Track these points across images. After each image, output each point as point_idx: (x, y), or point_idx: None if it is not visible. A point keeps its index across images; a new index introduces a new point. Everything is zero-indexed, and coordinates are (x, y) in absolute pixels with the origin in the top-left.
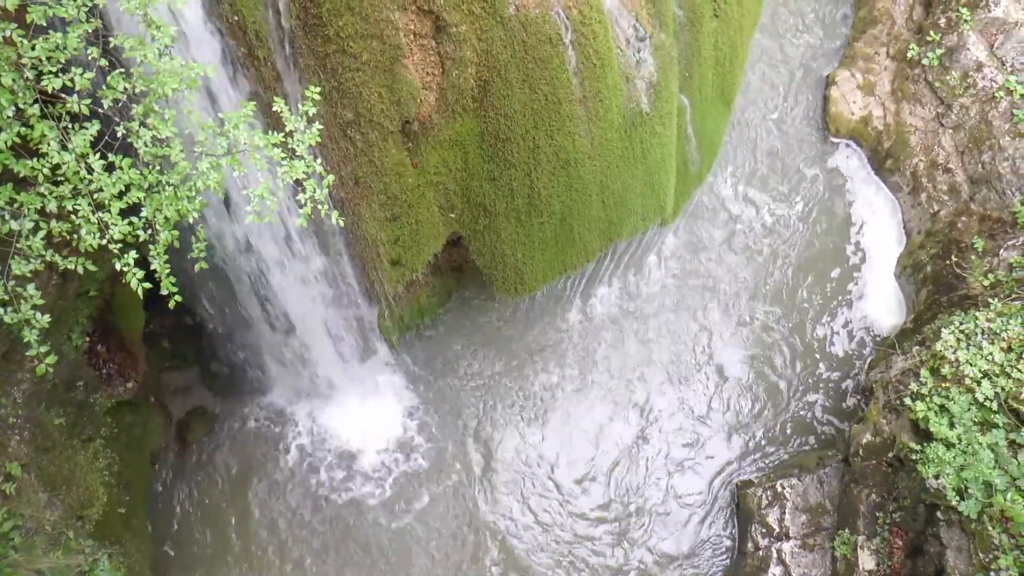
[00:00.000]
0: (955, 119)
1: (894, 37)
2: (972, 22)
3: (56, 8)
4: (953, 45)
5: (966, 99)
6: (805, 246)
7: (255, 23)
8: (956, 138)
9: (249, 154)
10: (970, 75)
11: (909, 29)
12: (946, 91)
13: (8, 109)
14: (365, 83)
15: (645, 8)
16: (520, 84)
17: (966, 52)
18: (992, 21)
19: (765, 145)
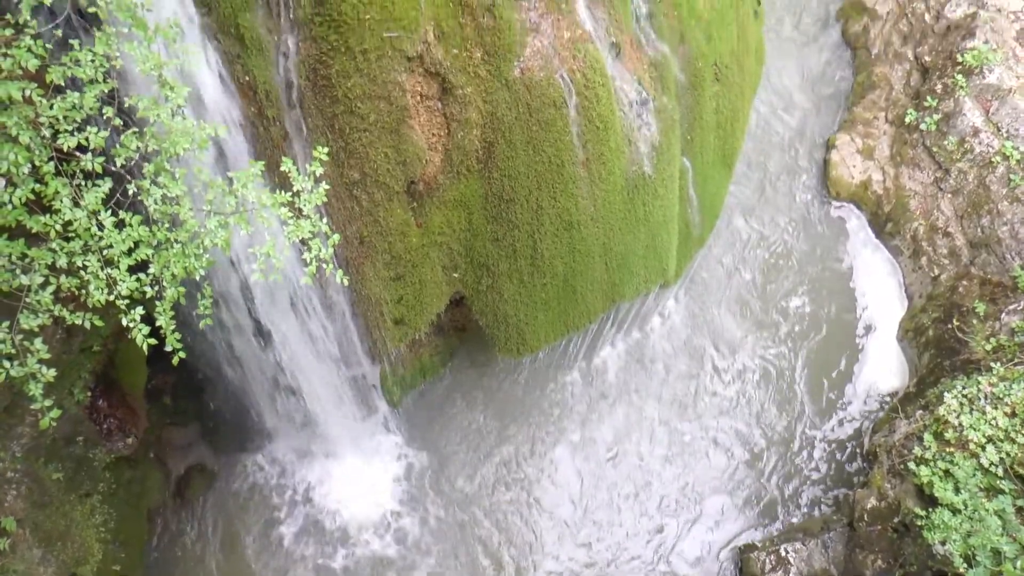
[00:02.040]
0: (953, 184)
1: (892, 102)
2: (967, 88)
3: (75, 69)
4: (950, 111)
5: (964, 164)
6: (806, 310)
7: (265, 83)
8: (955, 202)
9: (257, 213)
10: (967, 140)
11: (907, 95)
12: (944, 156)
13: (24, 166)
14: (372, 144)
15: (648, 71)
16: (524, 146)
17: (962, 118)
18: (987, 87)
19: (766, 208)
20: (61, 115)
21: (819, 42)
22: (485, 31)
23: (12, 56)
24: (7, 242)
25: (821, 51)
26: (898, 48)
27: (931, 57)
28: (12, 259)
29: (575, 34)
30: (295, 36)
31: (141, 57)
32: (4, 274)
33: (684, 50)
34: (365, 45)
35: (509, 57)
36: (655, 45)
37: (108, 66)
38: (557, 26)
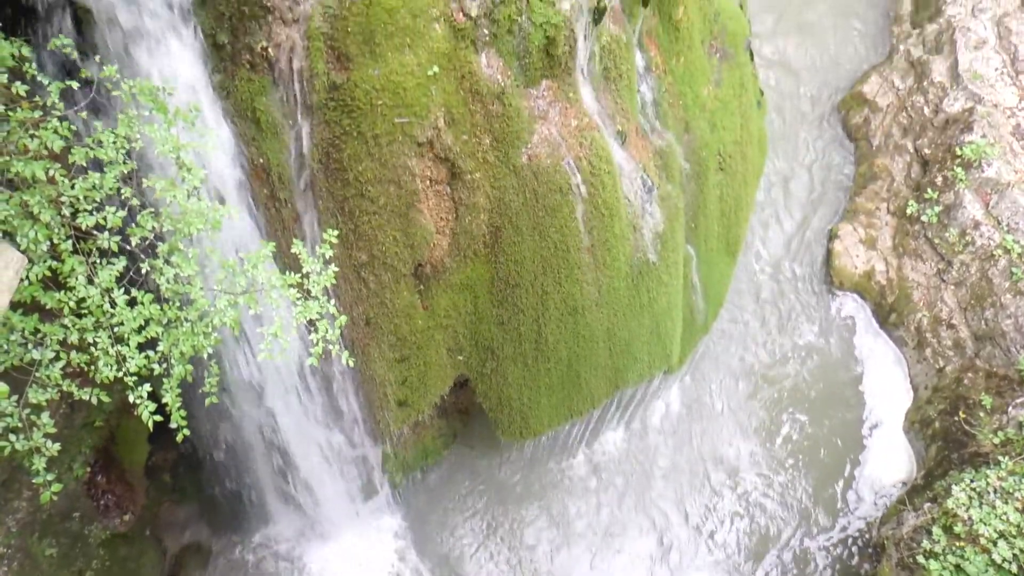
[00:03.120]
0: (956, 275)
1: (894, 194)
2: (967, 181)
3: (97, 150)
4: (950, 203)
5: (966, 256)
6: (811, 399)
7: (279, 166)
8: (958, 294)
9: (266, 293)
10: (968, 233)
11: (908, 186)
12: (946, 248)
13: (43, 244)
14: (381, 226)
15: (653, 160)
16: (530, 231)
17: (963, 210)
18: (986, 181)
19: (770, 296)
20: (82, 195)
21: (821, 133)
22: (494, 118)
23: (39, 137)
24: (21, 317)
25: (823, 141)
26: (898, 140)
27: (931, 150)
28: (25, 334)
29: (582, 122)
30: (309, 120)
31: (161, 140)
32: (16, 348)
33: (688, 139)
34: (377, 130)
35: (517, 144)
36: (660, 134)
37: (128, 147)
38: (564, 114)
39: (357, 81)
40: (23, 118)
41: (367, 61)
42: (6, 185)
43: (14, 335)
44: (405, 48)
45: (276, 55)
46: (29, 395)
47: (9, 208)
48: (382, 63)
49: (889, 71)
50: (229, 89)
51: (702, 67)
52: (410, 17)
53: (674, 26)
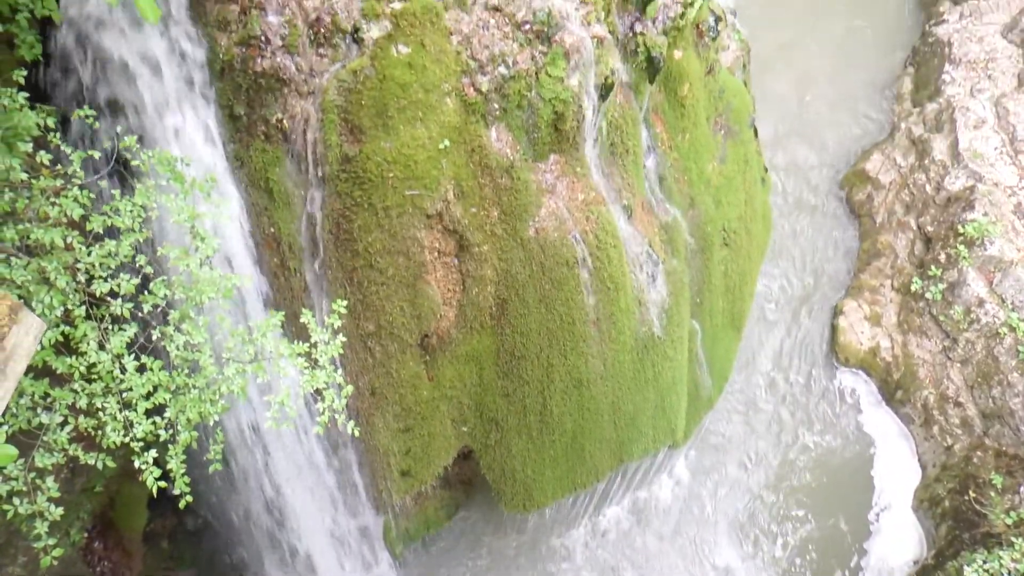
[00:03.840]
0: (961, 353)
1: (898, 270)
2: (970, 259)
3: (114, 218)
4: (954, 281)
5: (971, 334)
6: (817, 477)
7: (289, 236)
8: (964, 372)
9: (273, 362)
10: (972, 310)
11: (911, 263)
12: (951, 325)
13: (58, 309)
14: (389, 297)
15: (658, 234)
16: (537, 304)
17: (967, 288)
18: (989, 259)
19: (774, 372)
20: (98, 262)
21: (824, 209)
22: (503, 191)
23: (59, 205)
24: (32, 381)
25: (826, 218)
26: (901, 217)
27: (933, 227)
28: (35, 398)
29: (589, 196)
30: (321, 191)
31: (176, 209)
32: (25, 412)
33: (694, 214)
34: (387, 202)
35: (525, 217)
36: (666, 209)
37: (145, 216)
38: (572, 188)
39: (369, 153)
40: (45, 186)
41: (380, 134)
42: (24, 251)
43: (23, 399)
44: (417, 122)
45: (291, 127)
46: (35, 459)
47: (27, 274)
48: (394, 136)
49: (891, 149)
50: (244, 159)
51: (707, 143)
52: (422, 91)
53: (679, 103)
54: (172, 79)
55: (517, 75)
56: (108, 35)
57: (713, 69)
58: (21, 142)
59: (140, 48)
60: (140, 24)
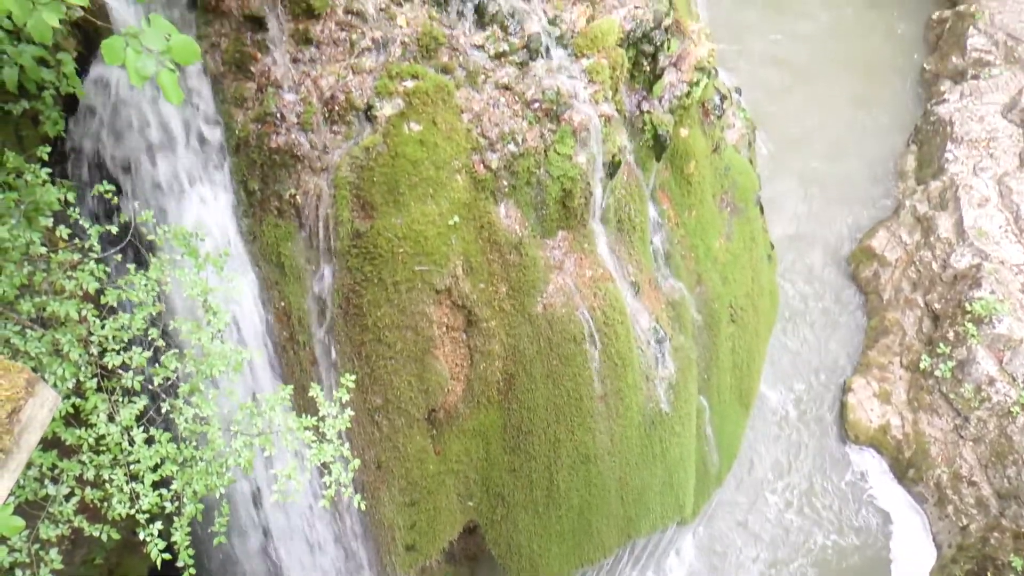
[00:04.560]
0: (974, 432)
1: (906, 348)
2: (979, 337)
3: (129, 292)
4: (963, 358)
5: (982, 412)
6: (830, 555)
7: (299, 309)
8: (977, 450)
9: (281, 435)
10: (983, 389)
11: (920, 340)
12: (961, 403)
13: (70, 381)
14: (397, 371)
15: (665, 311)
16: (544, 379)
17: (976, 366)
18: (998, 337)
19: (783, 449)
20: (111, 335)
21: (832, 286)
22: (511, 267)
23: (75, 278)
24: (41, 453)
25: (833, 295)
26: (908, 294)
27: (941, 305)
28: (43, 469)
29: (596, 273)
30: (332, 266)
31: (190, 283)
32: (32, 484)
33: (700, 291)
34: (397, 277)
35: (533, 293)
36: (673, 285)
37: (158, 290)
38: (580, 264)
39: (380, 229)
40: (63, 260)
41: (391, 210)
42: (39, 323)
43: (32, 470)
44: (428, 198)
45: (303, 202)
46: (40, 530)
47: (41, 346)
48: (405, 212)
49: (896, 226)
50: (256, 234)
51: (713, 221)
52: (433, 168)
53: (686, 180)
54: (189, 155)
55: (526, 152)
56: (129, 111)
57: (719, 147)
58: (42, 216)
59: (159, 124)
60: (160, 100)
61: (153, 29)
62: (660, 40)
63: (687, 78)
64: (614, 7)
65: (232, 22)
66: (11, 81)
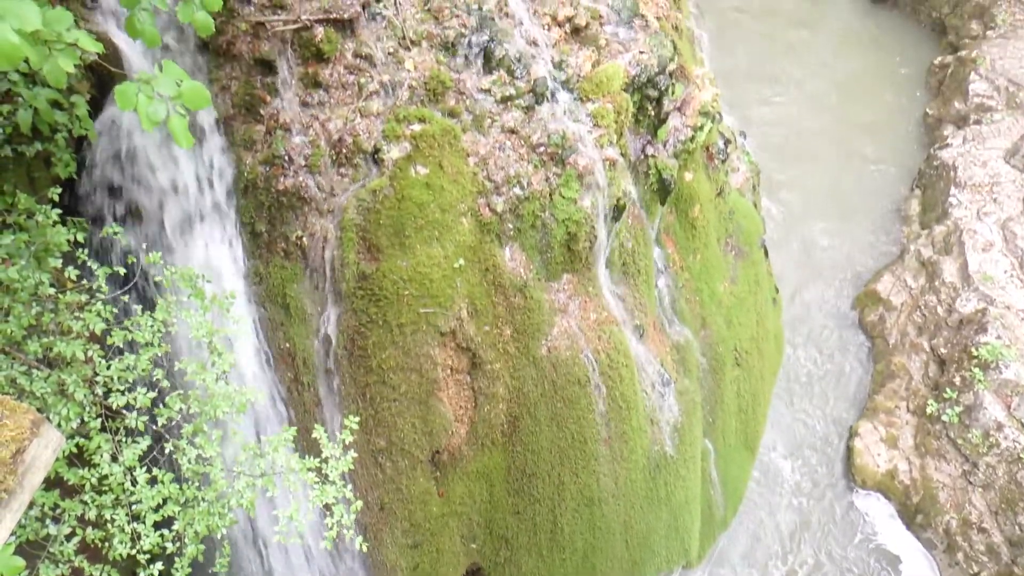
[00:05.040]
0: (983, 478)
1: (913, 392)
2: (986, 382)
3: (135, 333)
4: (971, 404)
5: (991, 458)
6: None
7: (304, 351)
8: (987, 497)
9: (284, 476)
10: (991, 434)
11: (926, 385)
12: (970, 449)
13: (74, 421)
14: (401, 413)
15: (670, 354)
16: (548, 422)
17: (984, 411)
18: (1005, 383)
19: (789, 493)
20: (116, 375)
21: (837, 330)
22: (516, 310)
23: (83, 319)
24: (42, 492)
25: (839, 338)
26: (914, 339)
27: (947, 349)
28: (45, 509)
29: (601, 316)
30: (337, 308)
31: (196, 325)
32: (33, 524)
33: (705, 334)
34: (402, 319)
35: (537, 335)
36: (677, 329)
37: (164, 331)
38: (584, 308)
39: (386, 271)
40: (70, 300)
41: (396, 252)
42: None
43: (33, 510)
44: (433, 241)
45: (310, 244)
46: (41, 570)
47: (46, 386)
48: (410, 255)
49: (901, 270)
50: (262, 275)
51: (718, 264)
52: (439, 211)
53: (690, 224)
54: (198, 196)
55: (531, 196)
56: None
57: (723, 191)
58: (51, 257)
59: (168, 166)
60: (169, 143)
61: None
62: (665, 85)
63: (691, 123)
64: (619, 52)
65: (242, 66)
66: (25, 124)
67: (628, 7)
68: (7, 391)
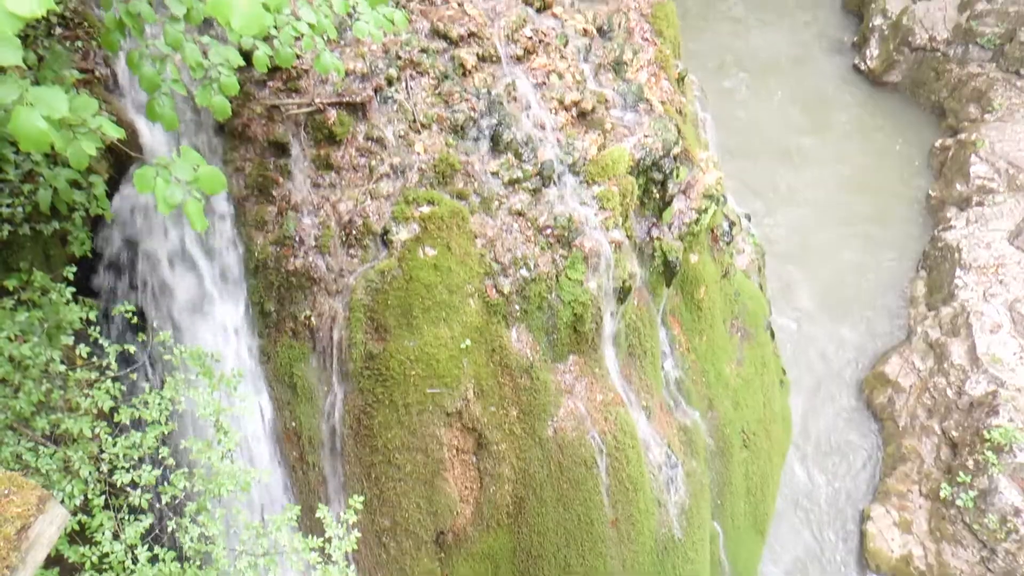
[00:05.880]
0: (1002, 565)
1: (925, 475)
2: (1000, 466)
3: (142, 411)
4: (985, 488)
5: (1009, 544)
6: None
7: (310, 430)
8: None
9: (287, 556)
10: (1009, 520)
11: (939, 468)
12: (987, 534)
13: (78, 498)
14: (406, 493)
15: (677, 436)
16: (554, 503)
17: (1000, 496)
18: (1020, 467)
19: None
20: (122, 452)
21: (846, 412)
22: (522, 391)
23: (92, 396)
24: (43, 571)
25: (848, 420)
26: (924, 421)
27: (958, 432)
28: None
29: (607, 397)
30: (344, 387)
31: (203, 403)
32: None
33: (712, 416)
34: (408, 399)
35: (543, 416)
36: (684, 410)
37: (172, 409)
38: (590, 389)
39: (393, 352)
40: (80, 378)
41: (404, 333)
42: (51, 439)
43: None
44: (440, 321)
45: (318, 324)
46: None
47: (52, 463)
48: (418, 335)
49: (909, 352)
50: (270, 354)
51: (724, 346)
52: (447, 292)
53: (696, 305)
54: (209, 275)
55: (538, 278)
56: (152, 232)
57: (728, 272)
58: (63, 335)
59: (181, 246)
60: (183, 223)
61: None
62: (669, 168)
63: (696, 205)
64: (624, 135)
65: (257, 147)
66: (44, 203)
67: (633, 92)
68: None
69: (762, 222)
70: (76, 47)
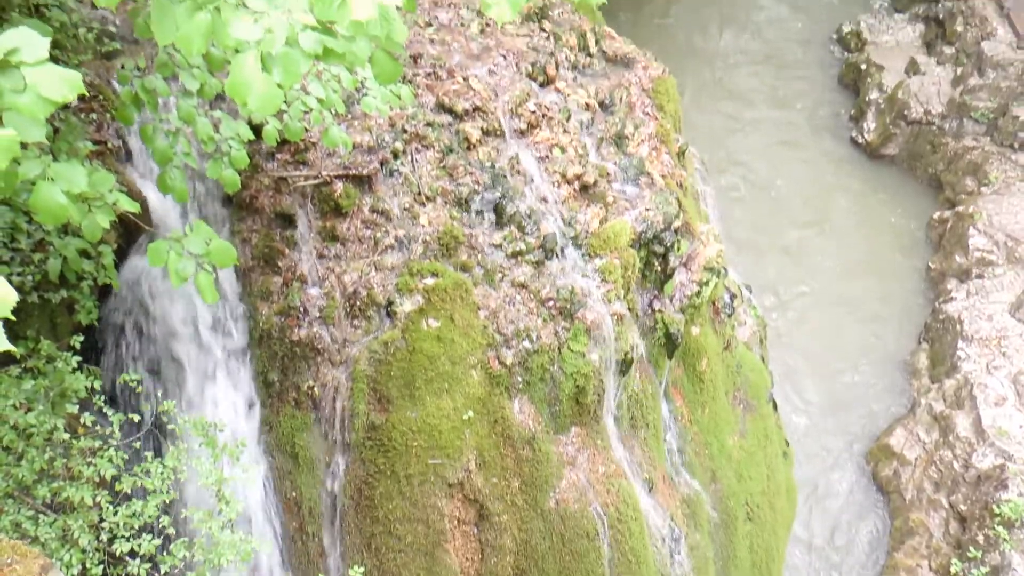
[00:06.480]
0: None
1: (934, 550)
2: (1011, 542)
3: (144, 480)
4: (997, 564)
5: None
6: None
7: (311, 500)
8: None
9: None
10: None
11: (948, 543)
12: None
13: (75, 568)
14: (406, 564)
15: (680, 508)
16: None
17: (1013, 572)
18: None
19: None
20: (122, 521)
21: (851, 484)
22: (524, 462)
23: (94, 465)
24: None
25: (853, 493)
26: (931, 495)
27: (967, 506)
28: None
29: (610, 469)
30: (345, 458)
31: (205, 473)
32: None
33: (715, 488)
34: (410, 470)
35: (545, 488)
36: (687, 482)
37: (174, 478)
38: (593, 460)
39: (395, 422)
40: (83, 446)
41: (406, 404)
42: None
43: None
44: (443, 392)
45: (321, 394)
46: None
47: (51, 532)
48: (420, 406)
49: (913, 424)
50: (272, 424)
51: (726, 418)
52: (450, 364)
53: (698, 377)
54: (214, 346)
55: (540, 349)
56: (158, 302)
57: (730, 344)
58: (68, 403)
59: (186, 316)
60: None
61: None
62: (670, 241)
63: (697, 278)
64: (626, 208)
65: (263, 219)
66: (54, 272)
67: (634, 165)
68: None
69: (770, 316)
70: (91, 119)
